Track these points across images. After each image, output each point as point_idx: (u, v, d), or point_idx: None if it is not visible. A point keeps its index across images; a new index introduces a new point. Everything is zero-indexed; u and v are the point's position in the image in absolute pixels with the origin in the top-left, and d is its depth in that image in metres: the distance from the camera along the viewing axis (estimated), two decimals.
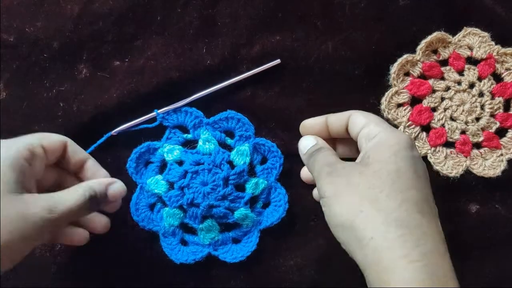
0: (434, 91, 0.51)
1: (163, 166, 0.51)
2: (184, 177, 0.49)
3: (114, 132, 0.50)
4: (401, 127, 0.51)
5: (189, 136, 0.51)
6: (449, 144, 0.51)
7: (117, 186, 0.44)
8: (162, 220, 0.50)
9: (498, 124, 0.51)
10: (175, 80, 0.50)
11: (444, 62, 0.52)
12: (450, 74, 0.51)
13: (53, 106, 0.50)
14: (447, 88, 0.51)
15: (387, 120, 0.51)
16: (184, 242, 0.50)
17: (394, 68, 0.50)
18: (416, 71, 0.51)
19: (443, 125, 0.51)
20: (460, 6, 0.51)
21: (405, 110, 0.51)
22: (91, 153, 0.49)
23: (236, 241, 0.50)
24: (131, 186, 0.50)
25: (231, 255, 0.49)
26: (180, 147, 0.50)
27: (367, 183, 0.37)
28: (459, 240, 0.51)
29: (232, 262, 0.49)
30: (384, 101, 0.51)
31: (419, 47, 0.51)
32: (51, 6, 0.50)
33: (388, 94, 0.51)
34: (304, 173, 0.49)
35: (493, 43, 0.51)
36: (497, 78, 0.52)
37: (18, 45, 0.50)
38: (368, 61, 0.51)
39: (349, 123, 0.43)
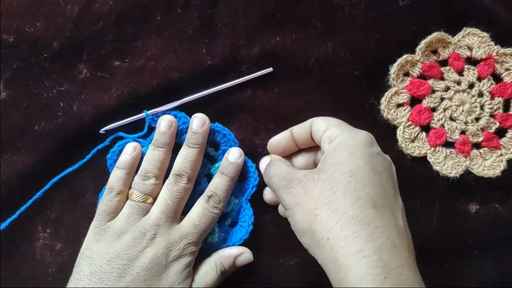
0: (433, 91, 0.51)
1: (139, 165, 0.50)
2: None
3: (101, 130, 0.50)
4: (401, 127, 0.51)
5: (175, 140, 0.50)
6: (448, 144, 0.51)
7: (244, 258, 0.48)
8: None
9: (497, 124, 0.51)
10: (175, 80, 0.50)
11: (444, 62, 0.52)
12: (450, 74, 0.51)
13: (53, 106, 0.50)
14: (447, 88, 0.51)
15: (387, 120, 0.51)
16: None
17: (393, 68, 0.51)
18: (416, 71, 0.51)
19: (442, 125, 0.51)
20: (459, 6, 0.51)
21: (404, 110, 0.51)
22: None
23: None
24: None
25: None
26: None
27: (321, 187, 0.38)
28: (459, 240, 0.51)
29: None
30: (383, 101, 0.51)
31: (418, 47, 0.51)
32: (51, 6, 0.50)
33: (387, 94, 0.51)
34: (266, 195, 0.49)
35: (492, 43, 0.51)
36: (497, 78, 0.52)
37: (18, 45, 0.50)
38: (367, 61, 0.51)
39: (312, 130, 0.45)
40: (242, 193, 0.50)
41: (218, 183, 0.47)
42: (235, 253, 0.48)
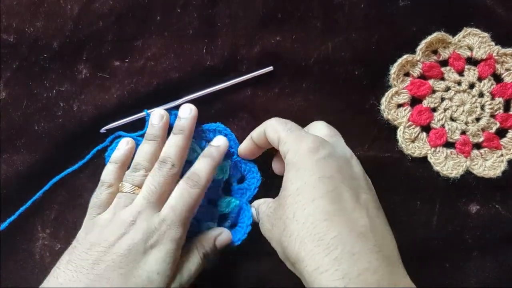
0: (434, 92, 0.51)
1: None
2: None
3: (102, 130, 0.50)
4: (401, 128, 0.51)
5: None
6: (449, 145, 0.51)
7: (224, 237, 0.47)
8: None
9: (498, 125, 0.51)
10: (175, 80, 0.50)
11: (444, 63, 0.52)
12: (450, 74, 0.51)
13: (53, 106, 0.50)
14: (447, 89, 0.51)
15: (387, 120, 0.51)
16: None
17: (394, 69, 0.50)
18: (416, 71, 0.51)
19: (443, 126, 0.51)
20: (460, 6, 0.51)
21: (405, 110, 0.51)
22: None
23: None
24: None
25: None
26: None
27: (279, 215, 0.39)
28: (459, 240, 0.51)
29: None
30: (384, 101, 0.51)
31: (419, 47, 0.50)
32: (51, 5, 0.50)
33: (388, 94, 0.51)
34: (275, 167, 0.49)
35: (493, 43, 0.51)
36: (497, 78, 0.52)
37: (17, 45, 0.50)
38: (368, 61, 0.51)
39: (267, 138, 0.44)
40: (243, 195, 0.50)
41: (199, 165, 0.46)
42: (214, 234, 0.47)
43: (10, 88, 0.50)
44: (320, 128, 0.45)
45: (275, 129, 0.43)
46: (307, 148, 0.39)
